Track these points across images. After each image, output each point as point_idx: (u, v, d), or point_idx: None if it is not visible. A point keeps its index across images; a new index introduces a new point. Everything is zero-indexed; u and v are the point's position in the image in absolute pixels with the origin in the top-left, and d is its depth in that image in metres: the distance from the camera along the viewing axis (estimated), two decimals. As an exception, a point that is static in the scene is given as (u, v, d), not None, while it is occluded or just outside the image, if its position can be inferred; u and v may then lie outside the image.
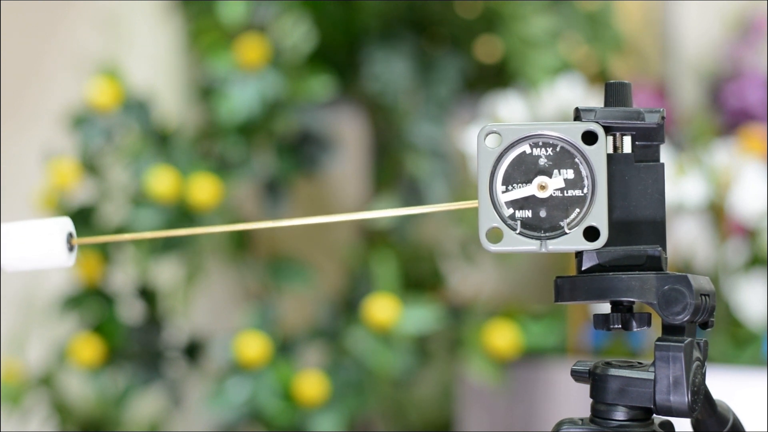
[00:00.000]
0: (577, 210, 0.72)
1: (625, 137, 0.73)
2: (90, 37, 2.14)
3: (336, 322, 1.96)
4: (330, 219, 0.75)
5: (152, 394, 2.02)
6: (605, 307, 0.75)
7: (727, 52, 2.20)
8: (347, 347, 1.89)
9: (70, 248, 0.77)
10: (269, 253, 2.05)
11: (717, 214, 1.85)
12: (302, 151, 1.99)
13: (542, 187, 0.72)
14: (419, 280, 2.02)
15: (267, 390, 1.84)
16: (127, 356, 1.96)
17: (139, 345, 1.97)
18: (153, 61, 2.18)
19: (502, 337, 1.88)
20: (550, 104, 1.90)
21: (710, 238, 1.84)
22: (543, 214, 0.72)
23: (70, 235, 0.77)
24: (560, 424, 0.73)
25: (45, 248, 0.76)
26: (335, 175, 2.15)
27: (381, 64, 2.01)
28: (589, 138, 0.72)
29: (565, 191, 0.72)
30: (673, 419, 0.74)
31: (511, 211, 0.72)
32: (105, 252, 1.96)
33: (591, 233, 0.72)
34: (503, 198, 0.72)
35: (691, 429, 0.76)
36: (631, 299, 0.72)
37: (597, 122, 0.72)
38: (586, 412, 0.73)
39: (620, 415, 0.72)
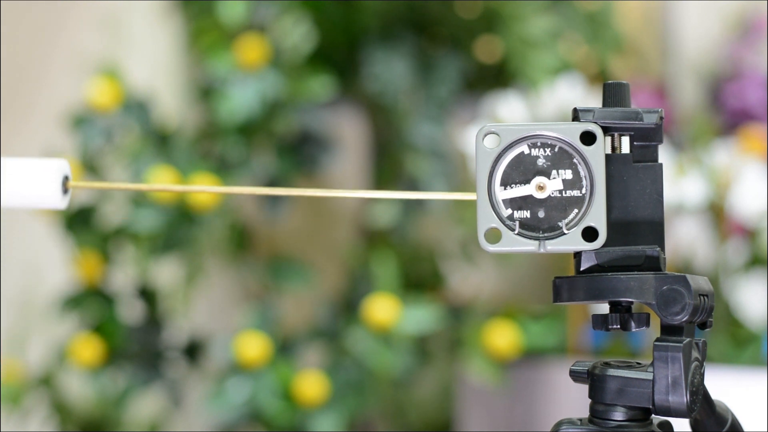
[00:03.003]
0: (576, 210, 0.72)
1: (623, 137, 0.73)
2: (90, 37, 2.14)
3: (336, 322, 1.96)
4: (329, 193, 0.75)
5: (152, 394, 2.02)
6: (604, 308, 0.75)
7: (727, 52, 2.20)
8: (347, 347, 1.89)
9: (65, 191, 0.77)
10: (269, 253, 2.05)
11: (717, 214, 1.85)
12: (302, 151, 1.99)
13: (540, 188, 0.72)
14: (419, 280, 2.02)
15: (267, 390, 1.84)
16: (127, 356, 1.96)
17: (139, 345, 1.97)
18: (153, 61, 2.18)
19: (502, 337, 1.88)
20: (550, 104, 1.90)
21: (710, 238, 1.84)
22: (541, 214, 0.72)
23: (66, 178, 0.77)
24: (559, 424, 0.73)
25: (40, 189, 0.76)
26: (335, 175, 2.15)
27: (381, 64, 2.01)
28: (588, 138, 0.72)
29: (563, 191, 0.72)
30: (671, 419, 0.74)
31: (509, 211, 0.72)
32: (105, 252, 1.96)
33: (589, 233, 0.72)
34: (502, 198, 0.72)
35: (689, 429, 0.76)
36: (630, 299, 0.72)
37: (595, 122, 0.72)
38: (586, 413, 0.73)
39: (619, 415, 0.72)
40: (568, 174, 0.72)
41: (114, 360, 1.94)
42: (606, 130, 0.73)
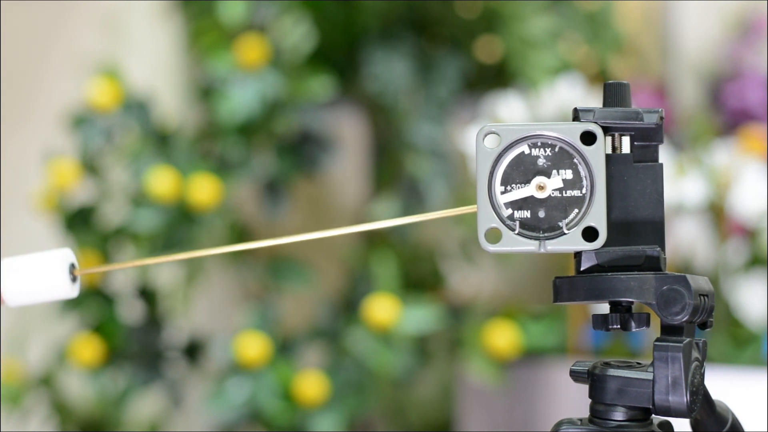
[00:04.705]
0: (576, 210, 0.72)
1: (623, 137, 0.73)
2: (90, 37, 2.14)
3: (336, 322, 1.96)
4: (329, 234, 0.75)
5: (152, 394, 2.02)
6: (604, 308, 0.75)
7: (727, 52, 2.20)
8: (347, 347, 1.89)
9: (73, 279, 0.77)
10: (269, 254, 2.05)
11: (717, 214, 1.85)
12: (302, 151, 1.99)
13: (541, 188, 0.72)
14: (419, 280, 2.02)
15: (267, 390, 1.84)
16: (127, 356, 1.96)
17: (139, 345, 1.97)
18: (153, 61, 2.18)
19: (502, 337, 1.88)
20: (550, 104, 1.90)
21: (710, 238, 1.84)
22: (542, 214, 0.72)
23: (72, 266, 0.77)
24: (559, 424, 0.73)
25: (48, 282, 0.76)
26: (335, 176, 2.15)
27: (381, 64, 2.01)
28: (588, 138, 0.72)
29: (563, 191, 0.72)
30: (671, 419, 0.74)
31: (509, 211, 0.72)
32: (105, 252, 1.96)
33: (590, 233, 0.72)
34: (502, 198, 0.72)
35: (689, 429, 0.76)
36: (630, 299, 0.72)
37: (596, 122, 0.72)
38: (586, 412, 0.73)
39: (619, 415, 0.72)
40: (568, 174, 0.72)
41: (114, 360, 1.94)
42: (606, 130, 0.73)
